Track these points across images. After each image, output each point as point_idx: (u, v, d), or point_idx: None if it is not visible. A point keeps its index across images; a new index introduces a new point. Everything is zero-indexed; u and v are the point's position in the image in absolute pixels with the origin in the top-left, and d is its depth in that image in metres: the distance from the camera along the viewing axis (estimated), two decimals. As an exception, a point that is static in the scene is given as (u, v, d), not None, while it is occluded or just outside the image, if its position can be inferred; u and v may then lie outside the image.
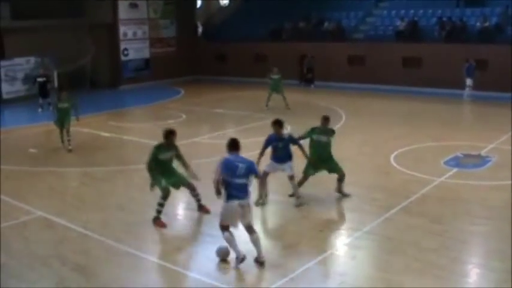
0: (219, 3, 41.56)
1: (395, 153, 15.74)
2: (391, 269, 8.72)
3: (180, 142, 17.32)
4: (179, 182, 11.14)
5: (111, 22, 33.64)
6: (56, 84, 28.84)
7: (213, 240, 9.63)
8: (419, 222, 10.62)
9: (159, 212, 10.75)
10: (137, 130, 20.52)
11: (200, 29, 39.53)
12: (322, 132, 11.75)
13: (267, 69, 24.99)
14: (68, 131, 17.11)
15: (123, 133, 19.89)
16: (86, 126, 20.90)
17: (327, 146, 11.79)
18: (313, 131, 11.80)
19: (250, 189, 8.99)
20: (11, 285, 8.45)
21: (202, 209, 11.29)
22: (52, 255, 9.42)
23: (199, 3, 39.66)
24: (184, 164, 11.17)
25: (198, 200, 11.34)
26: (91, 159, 16.12)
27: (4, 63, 29.56)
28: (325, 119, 11.95)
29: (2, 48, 32.16)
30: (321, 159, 11.78)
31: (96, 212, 11.47)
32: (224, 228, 8.86)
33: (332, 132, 11.98)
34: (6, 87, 28.73)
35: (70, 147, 16.95)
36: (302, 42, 32.16)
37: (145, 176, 13.82)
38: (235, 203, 8.67)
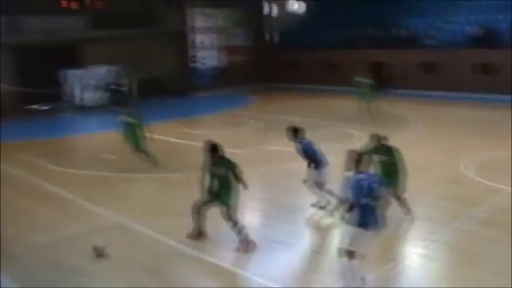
0: (292, 11, 41.62)
1: (468, 162, 15.33)
2: (470, 283, 8.39)
3: (251, 149, 17.74)
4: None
5: (184, 30, 34.38)
6: (131, 91, 29.76)
7: (284, 248, 9.70)
8: (494, 233, 10.27)
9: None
10: (208, 137, 20.74)
11: (273, 37, 39.74)
12: (382, 153, 10.71)
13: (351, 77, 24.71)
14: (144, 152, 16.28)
15: (197, 140, 19.99)
16: (160, 133, 21.34)
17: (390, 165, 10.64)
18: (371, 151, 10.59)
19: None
20: (86, 285, 8.83)
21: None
22: (127, 259, 9.72)
23: (273, 11, 39.85)
24: None
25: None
26: (165, 166, 16.47)
27: (83, 71, 30.81)
28: (379, 138, 10.94)
29: (81, 57, 33.50)
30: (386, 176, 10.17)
31: (171, 218, 11.72)
32: (351, 255, 7.71)
33: (390, 151, 10.76)
34: (87, 95, 29.89)
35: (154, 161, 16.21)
36: (375, 49, 31.81)
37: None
38: (371, 229, 7.62)
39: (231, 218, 9.88)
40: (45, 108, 31.40)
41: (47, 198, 13.92)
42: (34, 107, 31.31)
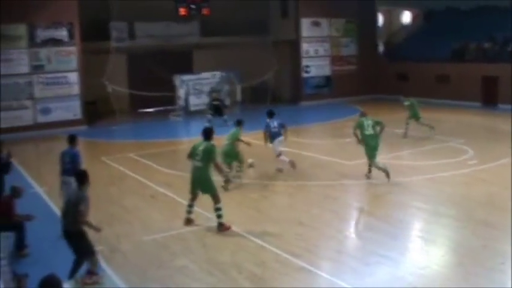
0: (400, 22, 40.82)
1: None
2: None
3: (357, 161, 17.40)
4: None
5: (294, 39, 34.50)
6: (239, 98, 30.11)
7: (385, 262, 9.40)
8: None
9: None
10: (316, 146, 20.67)
11: (381, 48, 39.11)
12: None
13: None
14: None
15: (302, 149, 20.13)
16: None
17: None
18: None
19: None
20: (190, 286, 8.90)
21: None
22: (229, 262, 9.72)
23: (380, 22, 39.25)
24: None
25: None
26: (271, 173, 16.49)
27: (192, 77, 31.57)
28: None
29: (190, 63, 34.38)
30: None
31: (274, 225, 11.64)
32: None
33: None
34: (193, 100, 30.60)
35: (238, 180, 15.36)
36: (486, 63, 30.41)
37: (323, 193, 13.97)
38: None
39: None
40: (155, 111, 32.50)
41: (153, 197, 14.28)
42: (146, 110, 32.47)
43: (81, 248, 8.72)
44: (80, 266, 8.83)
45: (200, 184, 11.41)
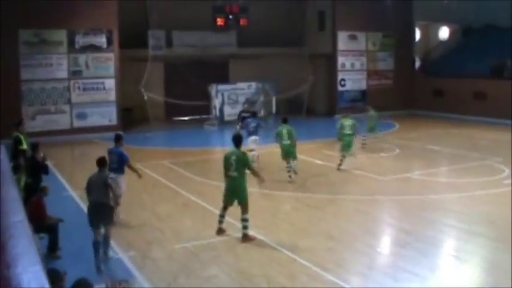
0: (438, 37, 40.48)
1: None
2: None
3: (391, 176, 17.30)
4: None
5: (330, 52, 34.49)
6: (274, 109, 30.17)
7: (415, 279, 9.33)
8: None
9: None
10: (350, 161, 20.56)
11: (418, 63, 38.79)
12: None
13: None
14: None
15: (336, 162, 20.06)
16: (301, 153, 21.45)
17: None
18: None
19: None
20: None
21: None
22: (259, 274, 9.71)
23: (417, 36, 38.96)
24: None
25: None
26: (304, 185, 16.48)
27: (228, 87, 31.80)
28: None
29: (227, 73, 34.61)
30: None
31: (305, 238, 11.62)
32: None
33: None
34: (228, 110, 30.80)
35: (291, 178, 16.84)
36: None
37: (355, 208, 13.91)
38: None
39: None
40: (190, 119, 32.77)
41: (186, 205, 14.38)
42: (181, 118, 32.77)
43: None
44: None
45: (237, 194, 11.48)
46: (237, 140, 11.78)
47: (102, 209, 10.34)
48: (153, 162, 20.12)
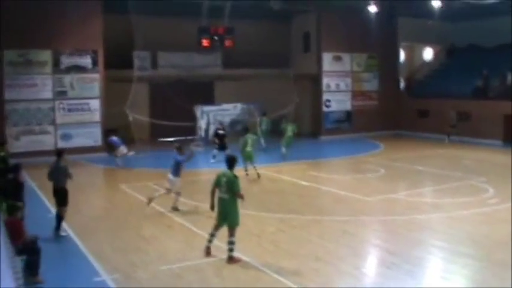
0: (422, 58, 40.93)
1: None
2: None
3: (377, 197, 17.38)
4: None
5: (315, 73, 34.73)
6: (259, 130, 30.23)
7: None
8: None
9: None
10: (335, 181, 20.64)
11: (402, 84, 39.13)
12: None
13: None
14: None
15: (321, 183, 20.16)
16: (287, 174, 21.61)
17: None
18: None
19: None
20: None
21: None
22: (246, 296, 9.70)
23: (402, 57, 39.38)
24: None
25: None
26: (289, 206, 16.50)
27: (213, 108, 31.87)
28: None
29: (212, 94, 34.71)
30: None
31: (291, 259, 11.62)
32: None
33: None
34: (213, 131, 30.74)
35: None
36: (508, 101, 29.81)
37: (341, 228, 13.94)
38: None
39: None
40: (175, 140, 32.72)
41: (170, 227, 14.33)
42: (166, 139, 32.71)
43: None
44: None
45: (227, 216, 11.47)
46: (230, 162, 11.75)
47: (62, 193, 13.57)
48: (138, 184, 20.07)
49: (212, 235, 11.75)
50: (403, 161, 24.91)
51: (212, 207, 11.58)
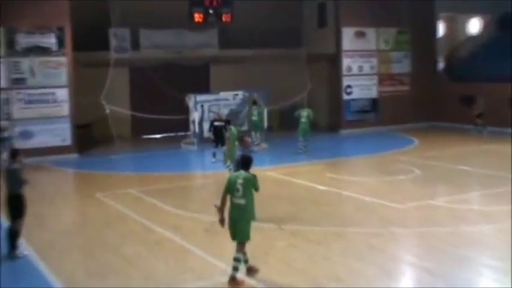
0: (466, 32, 40.71)
1: None
2: None
3: (410, 204, 17.31)
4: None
5: (333, 54, 34.65)
6: (265, 124, 30.19)
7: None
8: None
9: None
10: (359, 185, 20.56)
11: (441, 64, 39.01)
12: None
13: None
14: None
15: (343, 187, 20.07)
16: (299, 177, 21.56)
17: None
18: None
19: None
20: None
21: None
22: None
23: (440, 32, 39.22)
24: None
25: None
26: (302, 216, 16.42)
27: (209, 97, 31.79)
28: None
29: (207, 81, 34.64)
30: None
31: (305, 281, 11.52)
32: None
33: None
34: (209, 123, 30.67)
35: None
36: None
37: (367, 243, 13.86)
38: None
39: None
40: (163, 137, 32.74)
41: (159, 244, 14.28)
42: (152, 136, 32.73)
43: None
44: None
45: (238, 226, 11.38)
46: (246, 163, 11.65)
47: (17, 201, 13.19)
48: (118, 191, 20.04)
49: (237, 259, 11.57)
50: (443, 160, 24.81)
51: (222, 221, 11.49)
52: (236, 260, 11.31)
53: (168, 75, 31.98)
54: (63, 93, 27.76)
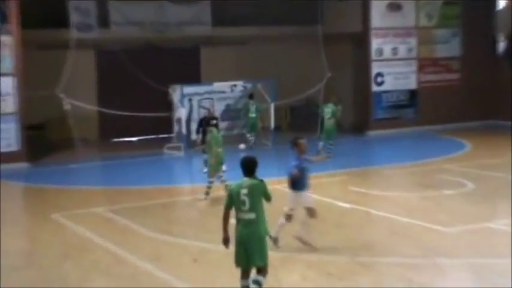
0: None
1: None
2: None
3: (461, 227, 17.24)
4: None
5: (359, 32, 34.63)
6: (272, 123, 30.19)
7: None
8: None
9: None
10: (393, 202, 20.53)
11: (501, 46, 38.92)
12: None
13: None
14: None
15: (372, 205, 20.02)
16: (317, 191, 21.33)
17: None
18: None
19: None
20: None
21: None
22: None
23: (500, 3, 39.18)
24: None
25: None
26: (321, 242, 16.35)
27: (199, 88, 31.71)
28: None
29: (196, 67, 34.61)
30: None
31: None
32: None
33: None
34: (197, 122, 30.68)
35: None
36: None
37: (405, 277, 13.83)
38: None
39: None
40: (140, 141, 32.75)
41: (134, 278, 14.25)
42: (125, 139, 32.75)
43: None
44: None
45: (253, 247, 11.33)
46: (249, 166, 11.55)
47: None
48: (81, 211, 20.04)
49: (258, 283, 11.54)
50: (503, 169, 24.70)
51: (227, 241, 11.42)
52: (257, 282, 11.25)
53: (147, 61, 32.02)
54: (7, 84, 27.69)
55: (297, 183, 15.30)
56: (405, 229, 17.55)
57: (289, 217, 15.58)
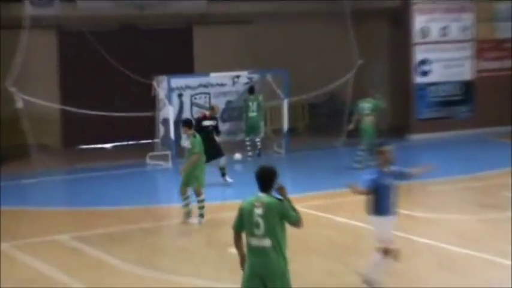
0: None
1: None
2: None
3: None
4: None
5: (397, 8, 34.70)
6: (285, 124, 30.28)
7: None
8: None
9: None
10: (442, 226, 20.59)
11: None
12: None
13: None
14: None
15: (415, 231, 19.96)
16: (343, 212, 21.55)
17: None
18: None
19: None
20: None
21: None
22: None
23: None
24: None
25: None
26: (348, 279, 16.39)
27: (192, 80, 31.78)
28: None
29: (189, 54, 34.70)
30: None
31: None
32: None
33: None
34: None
35: None
36: None
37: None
38: None
39: None
40: (115, 148, 32.84)
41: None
42: (96, 146, 32.85)
43: None
44: None
45: (272, 279, 11.30)
46: (267, 178, 11.53)
47: None
48: (40, 239, 20.07)
49: None
50: None
51: (244, 262, 11.40)
52: None
53: (123, 45, 32.14)
54: None
55: (377, 205, 15.03)
56: (458, 261, 17.54)
57: (386, 251, 15.09)
